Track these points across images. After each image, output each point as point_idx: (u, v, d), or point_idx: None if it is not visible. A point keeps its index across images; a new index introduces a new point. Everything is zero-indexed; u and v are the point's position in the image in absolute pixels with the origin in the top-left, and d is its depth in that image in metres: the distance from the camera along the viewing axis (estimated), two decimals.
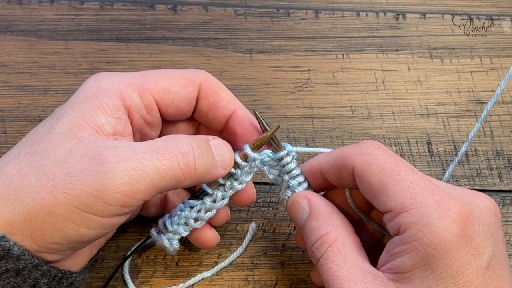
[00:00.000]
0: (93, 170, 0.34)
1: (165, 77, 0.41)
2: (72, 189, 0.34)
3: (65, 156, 0.35)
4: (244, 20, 0.57)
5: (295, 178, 0.43)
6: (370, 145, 0.39)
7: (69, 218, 0.34)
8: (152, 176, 0.35)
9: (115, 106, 0.38)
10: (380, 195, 0.37)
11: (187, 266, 0.47)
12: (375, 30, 0.57)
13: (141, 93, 0.40)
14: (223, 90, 0.42)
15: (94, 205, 0.34)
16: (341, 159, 0.39)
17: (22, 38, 0.55)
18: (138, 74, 0.41)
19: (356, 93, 0.55)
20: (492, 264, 0.36)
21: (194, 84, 0.41)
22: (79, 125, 0.36)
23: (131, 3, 0.57)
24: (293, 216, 0.42)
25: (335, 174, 0.40)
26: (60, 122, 0.37)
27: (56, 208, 0.34)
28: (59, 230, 0.34)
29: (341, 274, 0.37)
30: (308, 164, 0.43)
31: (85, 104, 0.37)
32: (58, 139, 0.36)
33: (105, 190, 0.34)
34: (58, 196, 0.34)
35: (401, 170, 0.37)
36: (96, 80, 0.40)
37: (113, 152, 0.35)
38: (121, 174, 0.34)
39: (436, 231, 0.35)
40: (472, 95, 0.55)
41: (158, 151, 0.36)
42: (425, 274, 0.35)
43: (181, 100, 0.41)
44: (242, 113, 0.43)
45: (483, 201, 0.38)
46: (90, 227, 0.35)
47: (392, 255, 0.36)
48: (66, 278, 0.37)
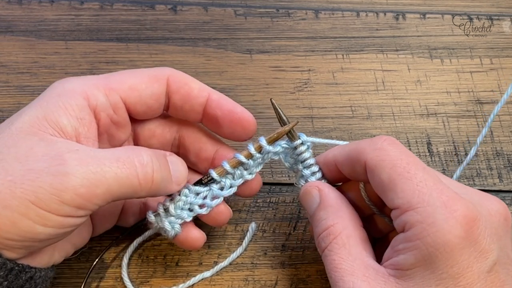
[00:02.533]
0: (54, 170, 0.34)
1: (131, 76, 0.41)
2: (30, 185, 0.34)
3: (26, 153, 0.35)
4: (244, 20, 0.57)
5: (308, 167, 0.43)
6: (384, 141, 0.39)
7: (25, 213, 0.34)
8: (111, 182, 0.36)
9: (78, 107, 0.38)
10: (389, 192, 0.37)
11: (187, 266, 0.47)
12: (375, 30, 0.57)
13: (107, 92, 0.40)
14: (192, 81, 0.43)
15: (51, 203, 0.34)
16: (355, 152, 0.40)
17: (22, 38, 0.55)
18: (103, 76, 0.41)
19: (356, 93, 0.55)
20: (496, 268, 0.36)
21: (161, 80, 0.42)
22: (40, 124, 0.37)
23: (131, 3, 0.57)
24: (304, 205, 0.42)
25: (349, 167, 0.41)
26: (20, 118, 0.37)
27: (13, 202, 0.34)
28: (14, 224, 0.34)
29: (343, 267, 0.37)
30: (323, 156, 0.43)
31: (48, 104, 0.38)
32: (18, 135, 0.36)
33: (64, 190, 0.34)
34: (15, 190, 0.34)
35: (412, 167, 0.37)
36: (61, 82, 0.40)
37: (74, 155, 0.35)
38: (81, 176, 0.35)
39: (440, 232, 0.35)
40: (472, 95, 0.55)
41: (119, 159, 0.36)
42: (426, 273, 0.35)
43: (149, 96, 0.41)
44: (216, 97, 0.43)
45: (494, 204, 0.38)
46: (46, 224, 0.35)
47: (396, 251, 0.37)
48: (24, 272, 0.37)
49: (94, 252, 0.47)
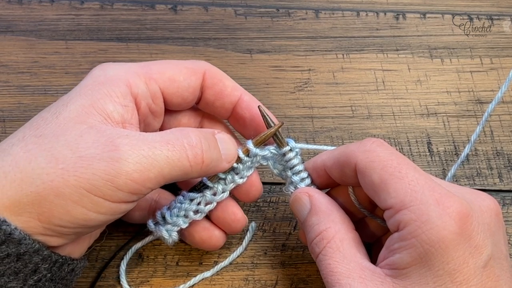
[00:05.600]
0: (106, 156, 0.35)
1: (170, 67, 0.42)
2: (83, 173, 0.34)
3: (76, 140, 0.35)
4: (244, 20, 0.57)
5: (298, 174, 0.43)
6: (373, 143, 0.39)
7: (79, 201, 0.34)
8: (163, 166, 0.36)
9: (122, 94, 0.39)
10: (381, 192, 0.37)
11: (187, 266, 0.47)
12: (375, 30, 0.57)
13: (147, 82, 0.40)
14: (226, 78, 0.44)
15: (105, 189, 0.34)
16: (344, 156, 0.40)
17: (22, 38, 0.55)
18: (143, 64, 0.42)
19: (356, 93, 0.55)
20: (491, 263, 0.36)
21: (198, 73, 0.42)
22: (87, 112, 0.37)
23: (131, 3, 0.57)
24: (295, 212, 0.42)
25: (338, 171, 0.41)
26: (67, 108, 0.37)
27: (66, 191, 0.34)
28: (68, 212, 0.34)
29: (339, 270, 0.37)
30: (312, 162, 0.43)
31: (93, 92, 0.38)
32: (66, 124, 0.36)
33: (118, 176, 0.34)
34: (68, 178, 0.34)
35: (403, 167, 0.37)
36: (102, 69, 0.40)
37: (125, 140, 0.36)
38: (133, 161, 0.35)
39: (435, 229, 0.35)
40: (472, 95, 0.55)
41: (169, 142, 0.37)
42: (422, 271, 0.35)
43: (186, 89, 0.42)
44: (248, 98, 0.44)
45: (485, 201, 0.38)
46: (99, 211, 0.35)
47: (391, 251, 0.37)
48: (67, 264, 0.37)
49: (94, 251, 0.47)
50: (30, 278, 0.35)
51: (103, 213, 0.35)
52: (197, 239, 0.44)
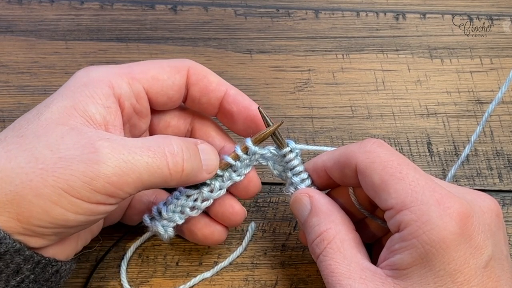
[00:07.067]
0: (86, 158, 0.35)
1: (153, 66, 0.42)
2: (62, 173, 0.34)
3: (57, 141, 0.35)
4: (244, 20, 0.57)
5: (298, 175, 0.43)
6: (373, 143, 0.39)
7: (57, 201, 0.34)
8: (142, 171, 0.36)
9: (104, 95, 0.38)
10: (381, 193, 0.37)
11: (187, 266, 0.47)
12: (375, 30, 0.57)
13: (130, 82, 0.40)
14: (211, 74, 0.44)
15: (83, 191, 0.34)
16: (344, 157, 0.40)
17: (22, 38, 0.55)
18: (126, 65, 0.42)
19: (356, 93, 0.55)
20: (492, 264, 0.36)
21: (182, 71, 0.42)
22: (69, 113, 0.37)
23: (131, 3, 0.57)
24: (295, 213, 0.42)
25: (339, 172, 0.41)
26: (49, 109, 0.37)
27: (45, 191, 0.34)
28: (47, 213, 0.34)
29: (340, 271, 0.37)
30: (312, 162, 0.43)
31: (75, 93, 0.38)
32: (48, 125, 0.36)
33: (96, 178, 0.35)
34: (47, 179, 0.34)
35: (403, 168, 0.37)
36: (85, 70, 0.40)
37: (106, 143, 0.36)
38: (112, 164, 0.35)
39: (435, 229, 0.35)
40: (472, 95, 0.55)
41: (150, 149, 0.37)
42: (423, 271, 0.35)
43: (170, 87, 0.42)
44: (234, 92, 0.44)
45: (485, 201, 0.38)
46: (78, 212, 0.35)
47: (392, 252, 0.37)
48: (51, 266, 0.37)
49: (95, 252, 0.47)
50: (12, 279, 0.35)
51: (81, 213, 0.35)
52: (199, 236, 0.44)
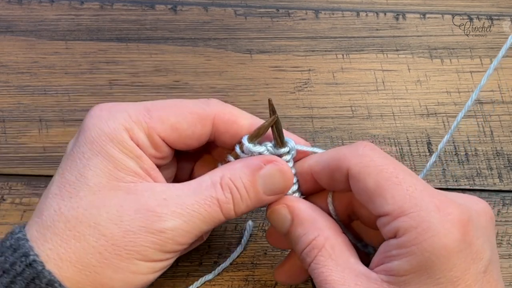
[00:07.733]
0: (151, 228, 0.36)
1: (173, 113, 0.39)
2: (134, 246, 0.36)
3: (118, 212, 0.36)
4: (244, 20, 0.57)
5: None
6: (365, 146, 0.38)
7: (136, 271, 0.36)
8: (200, 225, 0.38)
9: (132, 147, 0.38)
10: (377, 198, 0.36)
11: (187, 266, 0.47)
12: (375, 30, 0.57)
13: (147, 133, 0.39)
14: (241, 116, 0.41)
15: (155, 256, 0.37)
16: (334, 160, 0.38)
17: (22, 38, 0.55)
18: (144, 108, 0.39)
19: (356, 93, 0.55)
20: (490, 268, 0.35)
21: (205, 120, 0.40)
22: (116, 175, 0.37)
23: (131, 3, 0.57)
24: (273, 224, 0.41)
25: (328, 177, 0.39)
26: (91, 171, 0.37)
27: (122, 265, 0.36)
28: (129, 283, 0.36)
29: (333, 278, 0.36)
30: (297, 167, 0.41)
31: (108, 151, 0.37)
32: (100, 191, 0.36)
33: (165, 244, 0.37)
34: (121, 253, 0.36)
35: (399, 173, 0.36)
36: (99, 118, 0.38)
37: (166, 209, 0.37)
38: (177, 228, 0.37)
39: (437, 236, 0.34)
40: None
41: (206, 201, 0.38)
42: (422, 278, 0.34)
43: (189, 137, 0.40)
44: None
45: (479, 205, 0.38)
46: (155, 270, 0.38)
47: (388, 257, 0.36)
48: None
49: None
50: None
51: (158, 270, 0.38)
52: None
